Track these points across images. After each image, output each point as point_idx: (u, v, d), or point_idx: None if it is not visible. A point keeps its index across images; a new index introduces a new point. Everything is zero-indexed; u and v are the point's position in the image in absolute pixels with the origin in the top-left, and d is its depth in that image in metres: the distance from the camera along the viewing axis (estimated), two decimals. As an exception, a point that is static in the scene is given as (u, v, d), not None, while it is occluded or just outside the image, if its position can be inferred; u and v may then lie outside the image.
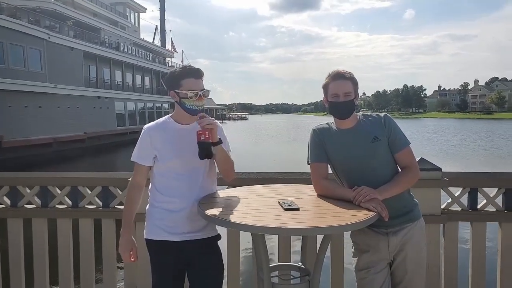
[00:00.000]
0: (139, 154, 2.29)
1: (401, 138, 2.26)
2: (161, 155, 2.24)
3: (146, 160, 2.28)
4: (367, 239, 2.28)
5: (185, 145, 2.24)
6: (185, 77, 2.20)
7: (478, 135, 46.35)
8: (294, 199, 2.17)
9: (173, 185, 2.24)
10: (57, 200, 3.11)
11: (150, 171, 2.34)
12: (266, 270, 2.14)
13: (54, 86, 27.23)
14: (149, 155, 2.26)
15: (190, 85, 2.18)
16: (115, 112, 37.03)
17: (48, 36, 27.40)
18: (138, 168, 2.32)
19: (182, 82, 2.19)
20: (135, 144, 2.32)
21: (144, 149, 2.27)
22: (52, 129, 26.33)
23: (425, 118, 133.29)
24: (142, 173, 2.32)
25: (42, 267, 3.14)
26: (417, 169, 2.28)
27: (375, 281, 2.25)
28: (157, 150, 2.25)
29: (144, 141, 2.28)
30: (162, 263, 2.28)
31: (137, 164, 2.31)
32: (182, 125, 2.29)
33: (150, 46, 51.76)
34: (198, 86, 2.20)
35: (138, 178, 2.32)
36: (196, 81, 2.20)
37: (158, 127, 2.30)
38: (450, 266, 2.94)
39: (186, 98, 2.18)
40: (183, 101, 2.20)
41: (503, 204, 2.93)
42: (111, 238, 3.10)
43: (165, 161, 2.24)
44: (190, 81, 2.19)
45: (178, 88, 2.20)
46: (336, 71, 2.27)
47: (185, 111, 2.23)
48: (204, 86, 2.24)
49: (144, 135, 2.29)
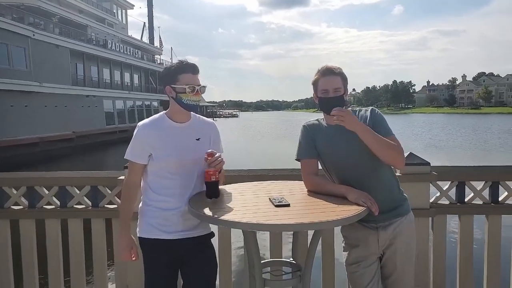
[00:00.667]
0: (134, 152, 2.23)
1: (385, 127, 2.22)
2: (156, 153, 2.20)
3: (141, 158, 2.22)
4: (357, 234, 2.30)
5: (180, 144, 2.22)
6: (182, 72, 2.17)
7: (465, 130, 46.94)
8: (285, 195, 2.17)
9: (167, 184, 2.22)
10: (44, 201, 3.08)
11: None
12: (258, 266, 2.14)
13: (40, 84, 26.89)
14: (145, 153, 2.22)
15: (188, 80, 2.16)
16: (103, 110, 36.72)
17: (33, 33, 27.03)
18: (133, 167, 2.26)
19: (179, 77, 2.17)
20: (125, 143, 2.29)
21: (139, 147, 2.22)
22: (39, 129, 26.03)
23: (414, 113, 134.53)
24: (137, 172, 2.26)
25: (31, 268, 3.10)
26: (402, 151, 2.20)
27: (365, 275, 2.27)
28: (152, 148, 2.20)
29: (139, 138, 2.22)
30: (155, 261, 2.26)
31: (132, 162, 2.25)
32: (177, 124, 2.26)
33: (139, 43, 51.37)
34: (195, 81, 2.18)
35: (133, 176, 2.27)
36: (194, 76, 2.18)
37: (153, 124, 2.25)
38: (438, 259, 2.98)
39: (184, 93, 2.16)
40: (180, 96, 2.17)
41: (489, 197, 2.97)
42: (101, 237, 3.08)
43: (160, 159, 2.20)
44: (187, 76, 2.17)
45: (174, 83, 2.17)
46: (326, 66, 2.27)
47: (182, 106, 2.20)
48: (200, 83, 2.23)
49: (139, 132, 2.24)
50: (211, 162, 2.12)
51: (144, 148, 2.21)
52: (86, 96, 33.84)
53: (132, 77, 44.95)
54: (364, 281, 2.26)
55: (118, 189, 3.02)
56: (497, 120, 71.58)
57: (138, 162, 2.24)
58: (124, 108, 41.34)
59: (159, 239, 2.22)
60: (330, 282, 3.02)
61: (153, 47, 57.65)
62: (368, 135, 2.11)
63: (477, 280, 3.04)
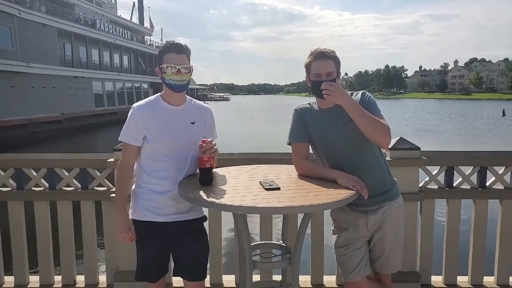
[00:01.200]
0: (129, 134, 2.21)
1: (374, 108, 2.21)
2: (151, 136, 2.18)
3: (136, 140, 2.20)
4: (346, 217, 2.32)
5: (174, 126, 2.20)
6: (166, 52, 2.15)
7: (456, 115, 47.33)
8: (275, 179, 2.18)
9: (161, 167, 2.20)
10: (33, 183, 3.05)
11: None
12: (248, 249, 2.15)
13: (27, 65, 26.40)
14: (139, 135, 2.19)
15: (171, 59, 2.13)
16: (92, 92, 36.30)
17: (19, 11, 26.41)
18: (128, 148, 2.23)
19: (164, 57, 2.15)
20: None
21: (133, 129, 2.19)
22: (26, 110, 25.66)
23: (406, 98, 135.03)
24: (132, 153, 2.24)
25: (21, 251, 3.09)
26: (389, 131, 2.16)
27: (354, 258, 2.30)
28: (147, 130, 2.18)
29: (133, 120, 2.20)
30: (147, 243, 2.26)
31: (126, 144, 2.23)
32: (172, 106, 2.23)
33: (128, 24, 50.53)
34: (179, 61, 2.15)
35: (127, 158, 2.24)
36: (178, 56, 2.15)
37: (148, 106, 2.23)
38: (426, 242, 3.04)
39: (166, 73, 2.14)
40: (164, 76, 2.16)
41: (477, 182, 3.01)
42: (90, 220, 3.07)
43: (154, 141, 2.18)
44: (171, 55, 2.14)
45: (161, 64, 2.16)
46: (319, 50, 2.24)
47: (167, 87, 2.19)
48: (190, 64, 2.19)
49: (133, 114, 2.20)
50: (206, 149, 2.10)
51: (138, 129, 2.18)
52: (75, 77, 33.37)
53: (121, 58, 44.35)
54: (353, 263, 2.29)
55: (108, 171, 3.00)
56: (487, 106, 72.23)
57: (132, 144, 2.21)
58: (113, 90, 40.89)
59: (152, 221, 2.21)
60: (319, 264, 3.06)
61: (143, 28, 56.81)
62: (357, 111, 2.09)
63: (462, 263, 3.10)
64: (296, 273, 2.20)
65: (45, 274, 3.12)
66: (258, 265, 2.23)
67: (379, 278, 2.43)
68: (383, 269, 2.37)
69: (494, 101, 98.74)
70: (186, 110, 2.27)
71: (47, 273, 3.12)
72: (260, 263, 2.30)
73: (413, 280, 2.99)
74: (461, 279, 3.12)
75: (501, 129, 31.61)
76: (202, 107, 2.37)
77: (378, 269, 2.38)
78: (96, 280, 3.14)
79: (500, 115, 45.28)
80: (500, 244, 3.05)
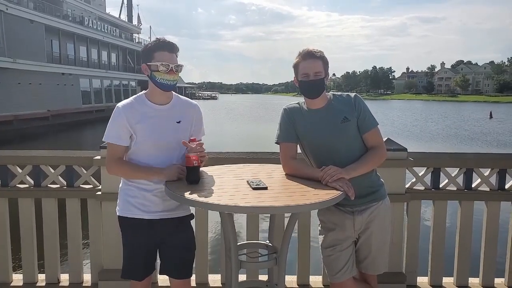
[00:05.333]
0: (115, 134, 2.15)
1: (370, 118, 2.29)
2: (136, 135, 2.14)
3: (123, 140, 2.15)
4: (333, 218, 2.32)
5: (159, 126, 2.17)
6: (158, 50, 2.11)
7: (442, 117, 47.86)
8: (263, 178, 2.17)
9: (147, 165, 2.17)
10: (17, 180, 3.00)
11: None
12: (234, 248, 2.14)
13: (13, 61, 26.01)
14: (126, 134, 2.14)
15: (163, 57, 2.10)
16: (80, 89, 35.92)
17: (6, 7, 26.04)
18: (115, 149, 2.17)
19: (154, 54, 2.11)
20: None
21: (119, 129, 2.14)
22: (12, 106, 25.32)
23: (393, 99, 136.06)
24: (119, 154, 2.18)
25: (4, 249, 3.04)
26: (385, 149, 2.32)
27: (340, 258, 2.30)
28: (132, 129, 2.14)
29: (118, 119, 2.14)
30: (134, 241, 2.24)
31: (113, 145, 2.15)
32: (157, 105, 2.20)
33: (117, 21, 50.09)
34: (171, 60, 2.12)
35: (114, 155, 2.17)
36: (170, 55, 2.12)
37: (133, 105, 2.19)
38: (412, 243, 3.06)
39: (157, 71, 2.10)
40: (154, 75, 2.12)
41: (463, 183, 3.05)
42: (76, 217, 3.03)
43: (140, 141, 2.15)
44: (163, 54, 2.10)
45: (150, 61, 2.12)
46: (307, 50, 2.25)
47: (156, 85, 2.15)
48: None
49: (118, 113, 2.15)
50: (194, 151, 2.07)
51: (122, 129, 2.14)
52: (62, 74, 32.99)
53: (109, 55, 43.96)
54: (339, 264, 2.29)
55: (94, 169, 2.97)
56: (473, 108, 73.20)
57: (118, 144, 2.16)
58: (101, 87, 40.52)
59: (139, 218, 2.19)
60: (305, 264, 3.07)
61: (132, 26, 56.39)
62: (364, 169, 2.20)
63: (447, 263, 3.14)
64: (282, 273, 2.20)
65: (29, 272, 3.07)
66: (244, 265, 2.23)
67: (365, 278, 2.43)
68: (369, 269, 2.38)
69: (480, 103, 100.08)
70: (172, 108, 2.23)
71: (31, 271, 3.07)
72: (246, 263, 2.29)
73: (399, 281, 3.01)
74: (447, 280, 3.15)
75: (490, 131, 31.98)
76: (189, 104, 2.34)
77: (364, 270, 2.39)
78: (80, 278, 3.10)
79: (488, 117, 45.90)
80: (485, 245, 3.08)
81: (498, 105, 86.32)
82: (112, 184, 2.69)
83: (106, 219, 2.93)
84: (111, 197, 2.55)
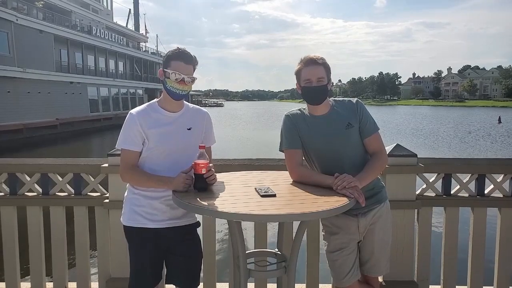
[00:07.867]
0: (128, 140, 2.16)
1: (372, 123, 2.30)
2: (149, 140, 2.16)
3: (136, 145, 2.16)
4: (337, 222, 2.31)
5: (171, 133, 2.18)
6: (175, 59, 2.14)
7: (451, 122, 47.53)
8: (271, 185, 2.15)
9: (155, 172, 2.16)
10: (26, 188, 3.01)
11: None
12: (242, 257, 2.11)
13: (23, 70, 26.35)
14: (139, 139, 2.16)
15: (178, 67, 2.13)
16: (88, 97, 36.21)
17: (16, 18, 26.44)
18: (128, 155, 2.17)
19: (171, 62, 2.14)
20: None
21: (132, 134, 2.15)
22: (22, 115, 25.61)
23: (399, 105, 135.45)
24: (133, 159, 2.17)
25: (12, 257, 3.05)
26: (386, 154, 2.34)
27: (347, 262, 2.30)
28: (145, 134, 2.15)
29: (132, 126, 2.16)
30: (141, 250, 2.22)
31: (127, 150, 2.17)
32: (169, 113, 2.22)
33: (124, 30, 50.58)
34: (186, 70, 2.13)
35: (128, 162, 2.17)
36: (186, 65, 2.14)
37: (146, 111, 2.21)
38: (423, 251, 3.00)
39: (169, 79, 2.13)
40: (166, 81, 2.15)
41: (475, 189, 2.99)
42: (83, 226, 3.03)
43: (152, 146, 2.16)
44: (179, 64, 2.13)
45: (166, 68, 2.15)
46: (308, 57, 2.26)
47: (166, 91, 2.18)
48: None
49: (132, 118, 2.17)
50: (205, 173, 2.04)
51: (136, 134, 2.15)
52: (70, 82, 33.30)
53: (117, 64, 44.32)
54: (346, 268, 2.30)
55: (102, 177, 2.96)
56: (482, 113, 72.65)
57: (133, 150, 2.16)
58: (108, 95, 40.81)
59: (145, 227, 2.18)
60: (314, 272, 3.02)
61: (139, 34, 56.87)
62: (371, 179, 2.21)
63: (460, 271, 3.07)
64: (292, 282, 2.16)
65: (37, 280, 3.07)
66: (253, 274, 2.20)
67: (368, 281, 2.45)
68: (372, 271, 2.40)
69: (488, 108, 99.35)
70: (183, 116, 2.26)
71: (39, 279, 3.06)
72: (255, 272, 2.25)
73: (411, 289, 2.95)
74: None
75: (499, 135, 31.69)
76: (199, 111, 2.36)
77: (367, 272, 2.41)
78: (88, 286, 3.09)
79: (496, 122, 45.49)
80: (499, 253, 3.01)
81: (506, 109, 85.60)
82: (120, 192, 2.68)
83: (113, 227, 2.92)
84: (118, 205, 2.53)
